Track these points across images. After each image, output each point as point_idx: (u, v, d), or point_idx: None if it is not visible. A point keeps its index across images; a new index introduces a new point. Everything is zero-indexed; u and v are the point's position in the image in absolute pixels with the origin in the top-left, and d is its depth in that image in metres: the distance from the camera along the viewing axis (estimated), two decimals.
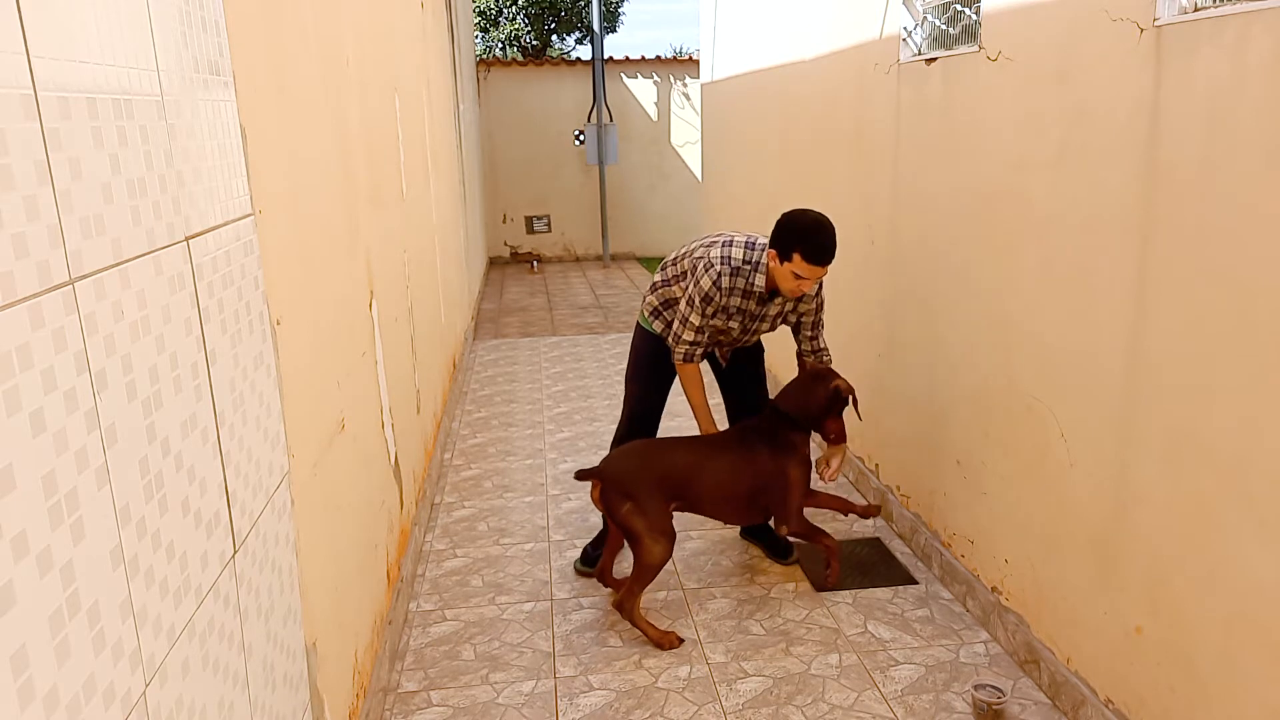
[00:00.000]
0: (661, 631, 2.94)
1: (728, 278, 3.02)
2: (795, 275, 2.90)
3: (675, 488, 3.01)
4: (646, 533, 2.91)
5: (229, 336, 1.50)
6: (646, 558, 2.91)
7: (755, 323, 3.19)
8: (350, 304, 2.55)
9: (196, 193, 1.38)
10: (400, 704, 2.66)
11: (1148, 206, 2.15)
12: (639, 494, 2.93)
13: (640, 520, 2.92)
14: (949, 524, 3.27)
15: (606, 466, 3.03)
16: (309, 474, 1.98)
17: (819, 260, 2.87)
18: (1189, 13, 2.03)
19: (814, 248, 2.85)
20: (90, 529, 1.03)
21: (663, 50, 24.32)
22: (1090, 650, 2.45)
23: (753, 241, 3.07)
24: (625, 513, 2.92)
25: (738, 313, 3.12)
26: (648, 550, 2.91)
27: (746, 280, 3.03)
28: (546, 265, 11.69)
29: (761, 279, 3.02)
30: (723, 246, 3.07)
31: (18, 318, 0.91)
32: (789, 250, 2.88)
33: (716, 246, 3.08)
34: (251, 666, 1.54)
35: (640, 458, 3.07)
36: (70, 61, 1.04)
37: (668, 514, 2.97)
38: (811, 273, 2.89)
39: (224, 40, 1.55)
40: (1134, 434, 2.24)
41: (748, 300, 3.08)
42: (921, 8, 3.46)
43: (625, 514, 2.92)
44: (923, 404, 3.46)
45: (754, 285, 3.04)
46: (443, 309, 5.20)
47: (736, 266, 3.02)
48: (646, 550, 2.91)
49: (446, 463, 4.59)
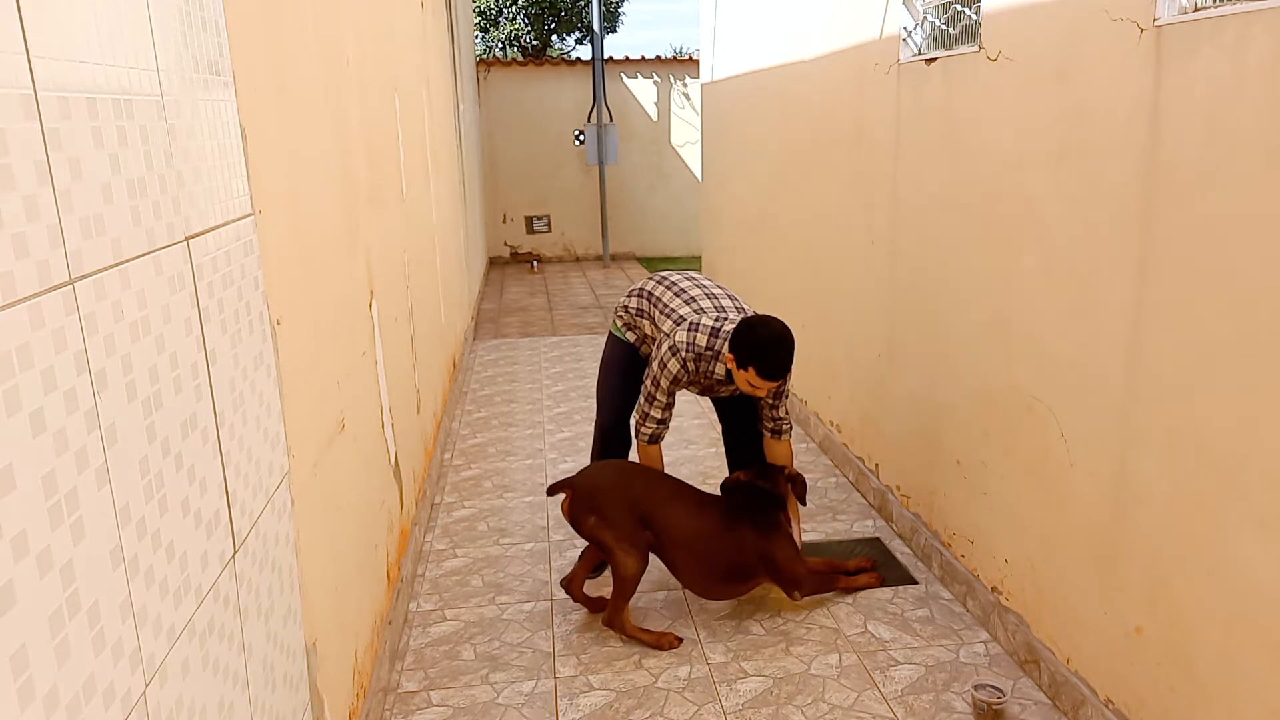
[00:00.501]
0: (658, 634, 2.93)
1: (693, 362, 3.06)
2: (750, 384, 2.93)
3: (645, 513, 2.96)
4: (616, 545, 2.89)
5: (229, 336, 1.50)
6: (621, 570, 2.90)
7: (723, 387, 3.21)
8: (350, 304, 2.55)
9: (196, 193, 1.38)
10: (400, 704, 2.66)
11: (1148, 206, 2.15)
12: (606, 508, 2.92)
13: (608, 533, 2.90)
14: (949, 524, 3.27)
15: (577, 479, 3.04)
16: (309, 474, 1.98)
17: (773, 377, 2.90)
18: (1189, 13, 2.03)
19: (768, 366, 2.88)
20: (90, 529, 1.03)
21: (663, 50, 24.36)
22: (1090, 650, 2.45)
23: (717, 328, 3.05)
24: (591, 525, 2.92)
25: (704, 386, 3.18)
26: (620, 564, 2.89)
27: (709, 365, 3.07)
28: (546, 265, 11.69)
29: (722, 369, 3.05)
30: (689, 330, 3.07)
31: (18, 318, 0.91)
32: (745, 362, 2.90)
33: (683, 329, 3.08)
34: (251, 666, 1.54)
35: (614, 475, 3.07)
36: (70, 61, 1.04)
37: (638, 529, 2.93)
38: (766, 386, 2.93)
39: (224, 40, 1.55)
40: (1134, 434, 2.24)
41: (710, 379, 3.13)
42: (921, 8, 3.46)
43: (591, 527, 2.92)
44: (923, 404, 3.46)
45: (714, 371, 3.07)
46: (443, 309, 5.20)
47: (699, 353, 3.05)
48: (619, 564, 2.89)
49: (446, 463, 4.59)
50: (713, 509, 3.08)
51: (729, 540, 3.01)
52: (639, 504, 2.97)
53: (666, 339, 3.10)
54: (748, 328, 2.92)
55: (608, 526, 2.90)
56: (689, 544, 2.98)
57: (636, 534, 2.92)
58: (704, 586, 3.05)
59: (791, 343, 2.93)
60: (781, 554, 3.05)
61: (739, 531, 3.02)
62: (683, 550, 2.99)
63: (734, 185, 6.58)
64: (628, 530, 2.91)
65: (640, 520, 2.95)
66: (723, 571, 3.03)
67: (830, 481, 4.26)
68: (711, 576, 3.03)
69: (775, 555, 3.04)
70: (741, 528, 3.03)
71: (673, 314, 3.17)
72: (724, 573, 3.03)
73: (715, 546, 3.01)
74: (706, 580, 3.04)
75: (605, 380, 3.49)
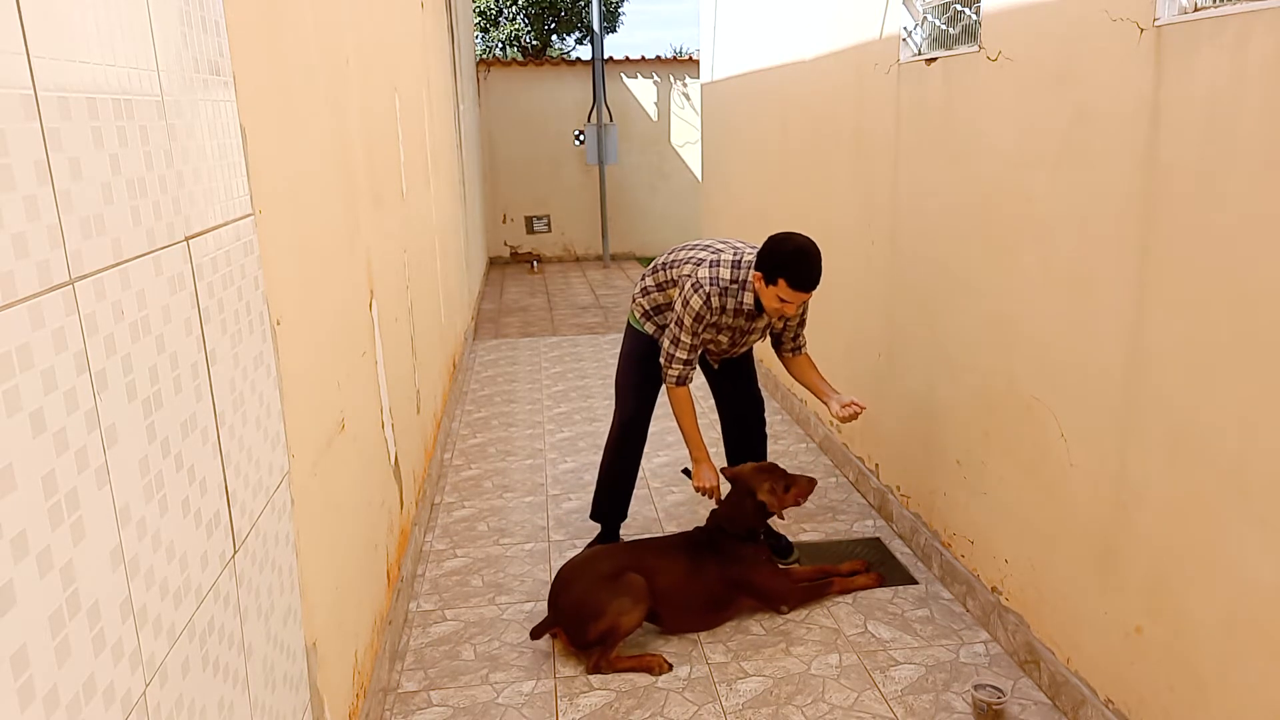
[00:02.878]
0: (644, 657, 2.83)
1: (717, 298, 3.05)
2: (780, 299, 2.93)
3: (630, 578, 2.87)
4: (618, 618, 2.78)
5: (229, 336, 1.50)
6: (623, 629, 2.80)
7: (745, 336, 3.23)
8: (350, 304, 2.55)
9: (196, 193, 1.38)
10: (400, 704, 2.66)
11: (1148, 206, 2.15)
12: (591, 607, 2.78)
13: (606, 621, 2.76)
14: (949, 524, 3.27)
15: (555, 618, 2.86)
16: (309, 474, 1.98)
17: (804, 287, 2.90)
18: (1189, 13, 2.03)
19: (800, 275, 2.88)
20: (90, 529, 1.03)
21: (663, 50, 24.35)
22: (1090, 650, 2.45)
23: (738, 260, 3.07)
24: (593, 634, 2.77)
25: (728, 329, 3.16)
26: (623, 627, 2.79)
27: (736, 300, 3.06)
28: (546, 265, 11.69)
29: (749, 297, 3.05)
30: (710, 267, 3.08)
31: (18, 318, 0.91)
32: (775, 275, 2.90)
33: (704, 266, 3.09)
34: (251, 666, 1.54)
35: (580, 580, 2.88)
36: (70, 62, 1.04)
37: (624, 588, 2.81)
38: (796, 298, 2.93)
39: (224, 40, 1.55)
40: (1134, 434, 2.24)
41: (738, 317, 3.12)
42: (921, 8, 3.46)
43: (594, 635, 2.77)
44: (923, 404, 3.46)
45: (743, 304, 3.07)
46: (443, 309, 5.20)
47: (724, 287, 3.05)
48: (621, 627, 2.79)
49: (446, 463, 4.59)
50: (677, 554, 3.02)
51: (698, 580, 2.97)
52: (613, 575, 2.86)
53: (688, 279, 3.10)
54: (775, 242, 2.95)
55: (604, 617, 2.77)
56: (662, 595, 2.90)
57: (625, 593, 2.81)
58: (687, 624, 2.99)
59: (819, 254, 2.93)
60: (756, 577, 3.05)
61: (706, 569, 2.98)
62: (657, 601, 2.89)
63: (734, 185, 6.58)
64: (620, 603, 2.79)
65: (619, 576, 2.84)
66: (700, 609, 2.99)
67: (830, 481, 4.26)
68: (691, 615, 2.98)
69: (750, 580, 3.04)
70: (707, 565, 2.99)
71: (691, 261, 3.18)
72: (701, 609, 2.99)
73: (687, 588, 2.95)
74: (687, 620, 2.98)
75: (624, 374, 3.47)
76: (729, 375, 3.49)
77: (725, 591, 3.01)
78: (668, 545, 3.10)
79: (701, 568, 3.00)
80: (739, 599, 3.04)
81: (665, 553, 3.03)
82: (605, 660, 2.78)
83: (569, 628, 2.82)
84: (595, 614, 2.77)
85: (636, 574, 2.87)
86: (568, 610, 2.83)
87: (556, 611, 2.86)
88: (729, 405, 3.53)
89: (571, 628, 2.82)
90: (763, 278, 2.93)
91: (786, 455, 4.58)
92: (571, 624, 2.81)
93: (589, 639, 2.78)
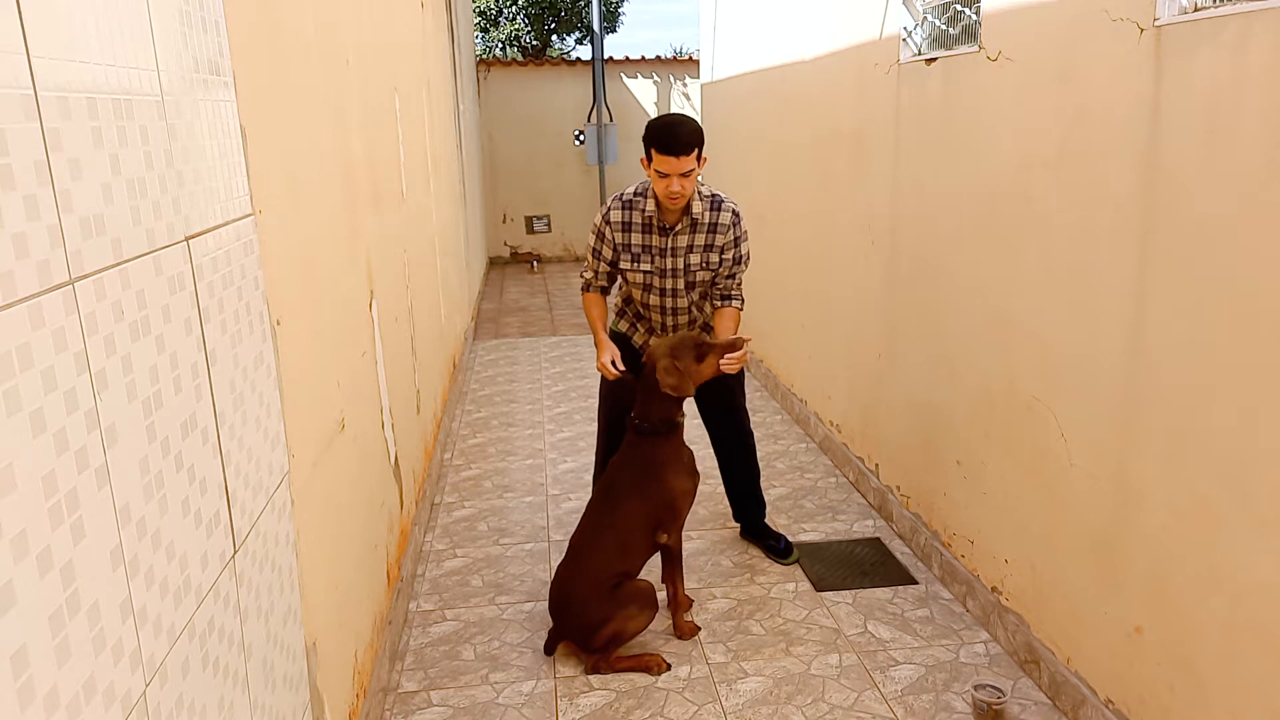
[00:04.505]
0: (643, 657, 2.82)
1: (616, 211, 3.15)
2: (658, 173, 2.97)
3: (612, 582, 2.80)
4: (625, 623, 2.76)
5: (229, 336, 1.50)
6: (632, 632, 2.78)
7: (671, 264, 3.14)
8: (350, 304, 2.55)
9: (196, 193, 1.38)
10: (400, 704, 2.66)
11: (1148, 206, 2.15)
12: (606, 614, 2.74)
13: (614, 625, 2.74)
14: (949, 524, 3.27)
15: (562, 627, 2.83)
16: (309, 474, 1.98)
17: (668, 150, 2.93)
18: (1189, 13, 2.03)
19: (661, 137, 2.94)
20: (90, 529, 1.03)
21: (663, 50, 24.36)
22: (1090, 650, 2.45)
23: (645, 184, 3.16)
24: (604, 641, 2.75)
25: (644, 251, 3.16)
26: (631, 630, 2.77)
27: (640, 211, 3.12)
28: (546, 265, 11.69)
29: (651, 204, 3.11)
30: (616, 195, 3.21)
31: (18, 318, 0.91)
32: (647, 150, 3.00)
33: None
34: (251, 666, 1.54)
35: (566, 603, 2.83)
36: (70, 61, 1.04)
37: (616, 593, 2.77)
38: (668, 165, 2.94)
39: (224, 40, 1.55)
40: (1134, 434, 2.24)
41: (648, 234, 3.14)
42: (921, 8, 3.46)
43: (604, 641, 2.75)
44: (923, 404, 3.46)
45: (646, 210, 3.12)
46: (443, 309, 5.20)
47: (627, 201, 3.15)
48: (630, 631, 2.77)
49: (446, 463, 4.59)
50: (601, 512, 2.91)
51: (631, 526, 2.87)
52: (614, 584, 2.80)
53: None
54: (647, 125, 3.04)
55: (610, 623, 2.73)
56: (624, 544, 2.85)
57: (632, 600, 2.77)
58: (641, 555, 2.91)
59: (690, 121, 2.97)
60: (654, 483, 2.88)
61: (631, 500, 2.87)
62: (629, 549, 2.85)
63: (734, 185, 6.58)
64: (627, 610, 2.75)
65: (614, 584, 2.79)
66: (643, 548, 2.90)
67: (830, 481, 4.26)
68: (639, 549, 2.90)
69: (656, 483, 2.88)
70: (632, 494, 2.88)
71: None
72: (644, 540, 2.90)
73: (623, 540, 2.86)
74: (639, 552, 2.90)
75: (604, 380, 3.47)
76: (711, 399, 3.44)
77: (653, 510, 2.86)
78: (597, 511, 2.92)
79: (628, 500, 2.85)
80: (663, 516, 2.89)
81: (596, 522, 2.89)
82: (604, 661, 2.78)
83: (576, 639, 2.82)
84: (602, 622, 2.75)
85: (646, 582, 2.84)
86: (573, 625, 2.81)
87: (562, 625, 2.85)
88: (714, 429, 3.55)
89: (579, 639, 2.81)
90: (646, 162, 3.03)
91: (786, 455, 4.58)
92: (578, 636, 2.81)
93: (595, 646, 2.77)
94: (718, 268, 3.19)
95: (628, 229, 3.14)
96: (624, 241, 3.16)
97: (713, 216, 3.13)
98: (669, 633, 2.98)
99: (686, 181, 2.96)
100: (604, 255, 3.21)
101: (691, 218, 3.10)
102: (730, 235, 3.15)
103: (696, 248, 3.15)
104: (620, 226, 3.14)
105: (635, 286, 3.25)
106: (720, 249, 3.16)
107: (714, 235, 3.14)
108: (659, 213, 3.11)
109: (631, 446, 2.95)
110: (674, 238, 3.13)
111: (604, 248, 3.20)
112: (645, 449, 2.91)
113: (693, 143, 2.93)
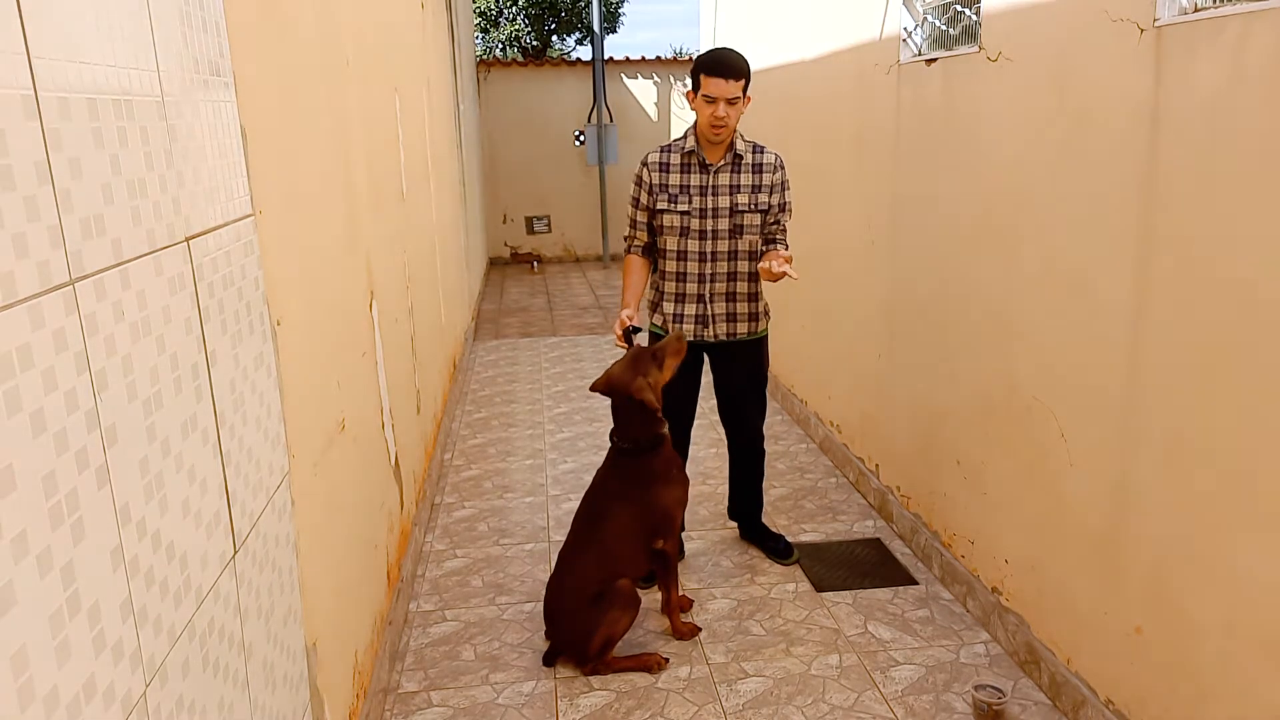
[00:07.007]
0: (642, 656, 2.83)
1: (654, 154, 3.18)
2: (705, 99, 3.00)
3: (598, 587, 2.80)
4: (612, 627, 2.76)
5: (229, 337, 1.50)
6: (620, 631, 2.78)
7: (712, 203, 3.12)
8: (350, 304, 2.55)
9: (197, 193, 1.38)
10: (400, 704, 2.66)
11: (1148, 206, 2.15)
12: (593, 624, 2.74)
13: (604, 629, 2.74)
14: (949, 524, 3.27)
15: (557, 640, 2.85)
16: (309, 474, 1.98)
17: (715, 72, 2.98)
18: (1189, 13, 2.03)
19: (711, 64, 2.98)
20: (90, 529, 1.03)
21: (663, 50, 24.36)
22: (1090, 650, 2.45)
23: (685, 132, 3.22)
24: (597, 648, 2.76)
25: (682, 191, 3.15)
26: (617, 630, 2.78)
27: (680, 151, 3.14)
28: (546, 265, 11.68)
29: (691, 140, 3.13)
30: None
31: (18, 318, 0.91)
32: (695, 79, 3.04)
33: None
34: (251, 667, 1.54)
35: (569, 598, 2.81)
36: (71, 62, 1.04)
37: (599, 598, 2.76)
38: (716, 88, 2.98)
39: (224, 40, 1.55)
40: (1134, 434, 2.24)
41: (688, 174, 3.14)
42: (921, 8, 3.46)
43: (598, 648, 2.76)
44: (923, 404, 3.46)
45: (685, 147, 3.14)
46: (443, 309, 5.20)
47: (665, 146, 3.18)
48: (616, 629, 2.78)
49: (447, 463, 4.59)
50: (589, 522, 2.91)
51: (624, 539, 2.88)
52: (596, 594, 2.79)
53: None
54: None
55: (599, 631, 2.73)
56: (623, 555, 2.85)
57: (613, 605, 2.76)
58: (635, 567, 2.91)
59: (733, 50, 3.03)
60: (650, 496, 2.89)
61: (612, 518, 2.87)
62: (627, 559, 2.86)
63: None
64: (611, 615, 2.75)
65: (600, 588, 2.78)
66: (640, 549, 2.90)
67: (830, 482, 4.26)
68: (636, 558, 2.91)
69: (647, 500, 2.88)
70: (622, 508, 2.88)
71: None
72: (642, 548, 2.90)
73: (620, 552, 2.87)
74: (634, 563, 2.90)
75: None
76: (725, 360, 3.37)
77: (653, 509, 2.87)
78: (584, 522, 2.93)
79: (607, 518, 2.86)
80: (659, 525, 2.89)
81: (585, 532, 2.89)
82: (602, 662, 2.78)
83: (572, 654, 2.82)
84: (590, 632, 2.75)
85: (623, 581, 2.82)
86: (566, 639, 2.82)
87: (556, 639, 2.86)
88: (723, 388, 3.41)
89: (574, 654, 2.81)
90: (691, 93, 3.06)
91: (786, 455, 4.58)
92: (572, 651, 2.81)
93: (591, 654, 2.77)
94: (765, 211, 3.18)
95: (665, 169, 3.15)
96: (661, 181, 3.16)
97: (757, 157, 3.17)
98: (669, 633, 2.98)
99: (732, 110, 3.01)
100: (642, 202, 3.21)
101: (735, 153, 3.13)
102: (778, 177, 3.19)
103: (744, 187, 3.16)
104: (658, 167, 3.16)
105: (672, 234, 3.16)
106: (769, 189, 3.17)
107: (759, 175, 3.17)
108: (699, 149, 3.12)
109: (614, 465, 2.96)
110: (715, 175, 3.14)
111: (641, 194, 3.21)
112: (632, 465, 2.92)
113: (743, 70, 3.00)
